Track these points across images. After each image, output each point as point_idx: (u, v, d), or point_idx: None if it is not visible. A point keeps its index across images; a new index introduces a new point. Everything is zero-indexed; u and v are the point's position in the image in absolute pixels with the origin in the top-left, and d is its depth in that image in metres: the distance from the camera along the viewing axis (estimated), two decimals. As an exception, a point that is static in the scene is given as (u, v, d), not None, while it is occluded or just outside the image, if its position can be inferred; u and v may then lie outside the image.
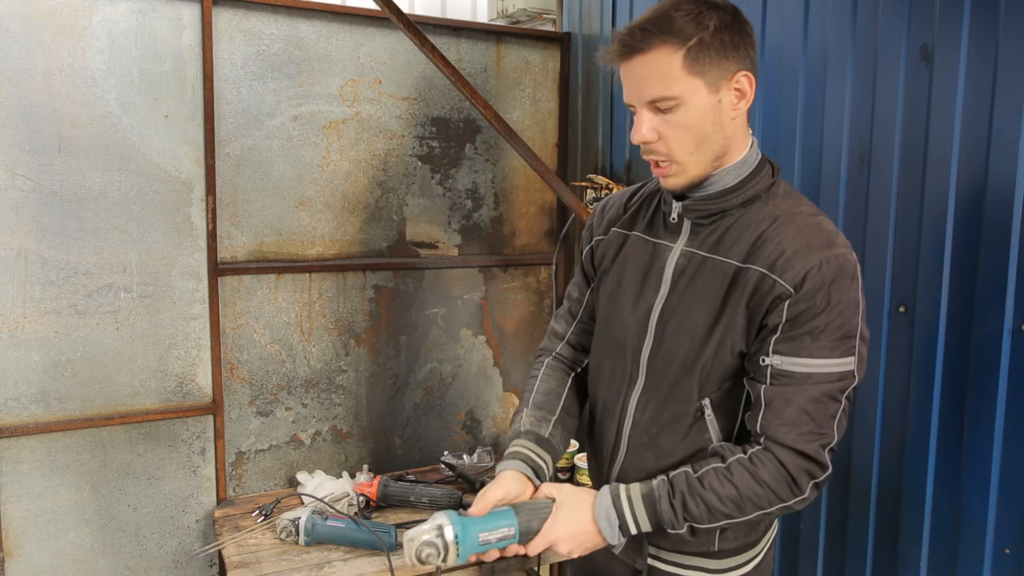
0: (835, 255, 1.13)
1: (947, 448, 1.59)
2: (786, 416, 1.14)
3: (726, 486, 1.14)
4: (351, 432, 2.46)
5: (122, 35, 2.01)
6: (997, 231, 1.47)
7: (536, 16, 2.86)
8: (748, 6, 1.99)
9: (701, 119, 1.15)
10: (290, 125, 2.26)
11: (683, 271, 1.23)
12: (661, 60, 1.11)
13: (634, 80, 1.15)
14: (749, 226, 1.19)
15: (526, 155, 2.32)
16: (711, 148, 1.17)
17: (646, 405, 1.27)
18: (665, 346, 1.24)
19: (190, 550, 2.24)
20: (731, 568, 1.31)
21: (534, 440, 1.32)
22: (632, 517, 1.18)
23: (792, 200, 1.22)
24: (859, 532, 1.78)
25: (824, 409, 1.14)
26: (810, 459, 1.14)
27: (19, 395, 2.00)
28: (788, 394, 1.14)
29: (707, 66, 1.12)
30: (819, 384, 1.13)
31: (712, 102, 1.14)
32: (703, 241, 1.23)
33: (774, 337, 1.15)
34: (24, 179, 1.95)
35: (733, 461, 1.16)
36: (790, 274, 1.13)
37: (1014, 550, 1.48)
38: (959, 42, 1.51)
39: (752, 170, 1.21)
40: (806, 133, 1.85)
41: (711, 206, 1.21)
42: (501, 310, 2.67)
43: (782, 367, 1.14)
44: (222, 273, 2.19)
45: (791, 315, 1.13)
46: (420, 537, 1.15)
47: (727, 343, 1.19)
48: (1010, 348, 1.46)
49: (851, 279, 1.14)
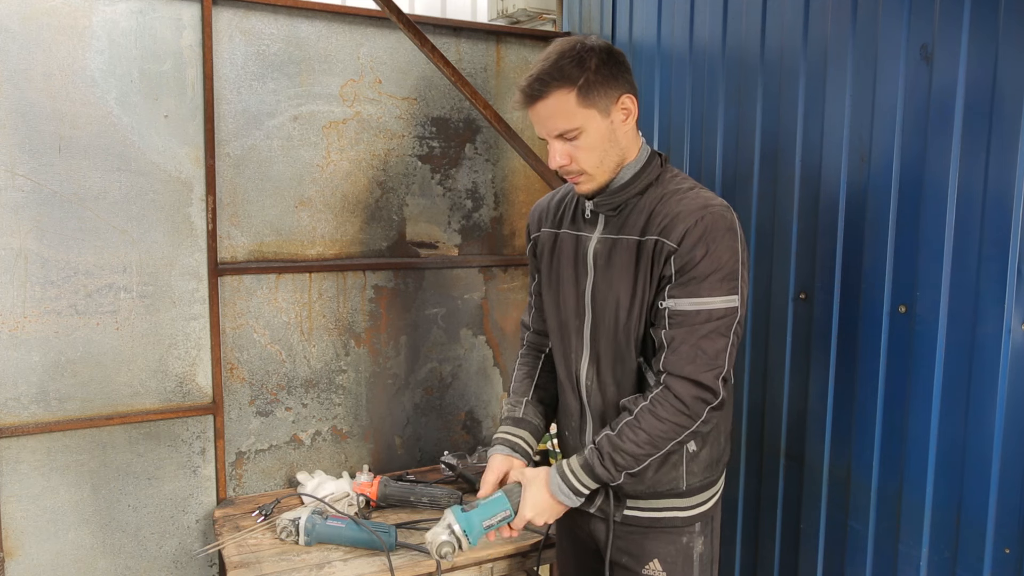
0: (709, 212, 1.38)
1: (947, 448, 1.59)
2: (683, 353, 1.39)
3: (638, 433, 1.40)
4: (351, 432, 2.46)
5: (122, 35, 2.01)
6: (997, 231, 1.47)
7: (536, 16, 2.86)
8: (748, 6, 1.99)
9: (600, 139, 1.42)
10: (290, 125, 2.26)
11: (600, 254, 1.50)
12: (559, 101, 1.38)
13: (541, 119, 1.41)
14: (644, 208, 1.46)
15: (526, 155, 2.32)
16: (612, 159, 1.45)
17: (597, 373, 1.53)
18: (600, 319, 1.50)
19: (190, 550, 2.24)
20: (698, 504, 1.56)
21: (512, 423, 1.65)
22: (579, 483, 1.46)
23: (676, 181, 1.49)
24: (859, 532, 1.78)
25: (714, 343, 1.38)
26: (704, 387, 1.39)
27: (19, 395, 2.00)
28: (683, 334, 1.38)
29: (596, 98, 1.39)
30: (709, 322, 1.38)
31: (605, 124, 1.41)
32: (612, 227, 1.50)
33: (668, 286, 1.40)
34: (24, 179, 1.95)
35: (638, 411, 1.42)
36: (674, 234, 1.39)
37: (1014, 550, 1.48)
38: (959, 42, 1.51)
39: (642, 166, 1.48)
40: (806, 133, 1.85)
41: (614, 199, 1.48)
42: (501, 310, 2.67)
43: (676, 308, 1.39)
44: (222, 273, 2.19)
45: (678, 267, 1.38)
46: (438, 539, 1.45)
47: (644, 304, 1.44)
48: (1010, 348, 1.46)
49: (726, 230, 1.38)
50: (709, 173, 2.15)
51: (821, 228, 1.82)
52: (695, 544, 1.57)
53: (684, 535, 1.56)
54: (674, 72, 2.27)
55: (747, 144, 2.03)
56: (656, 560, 1.55)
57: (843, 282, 1.78)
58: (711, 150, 2.15)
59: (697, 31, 2.19)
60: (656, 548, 1.56)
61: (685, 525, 1.56)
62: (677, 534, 1.56)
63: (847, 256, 1.77)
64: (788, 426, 1.95)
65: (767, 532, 2.03)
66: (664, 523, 1.55)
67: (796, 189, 1.88)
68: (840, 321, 1.79)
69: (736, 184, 2.05)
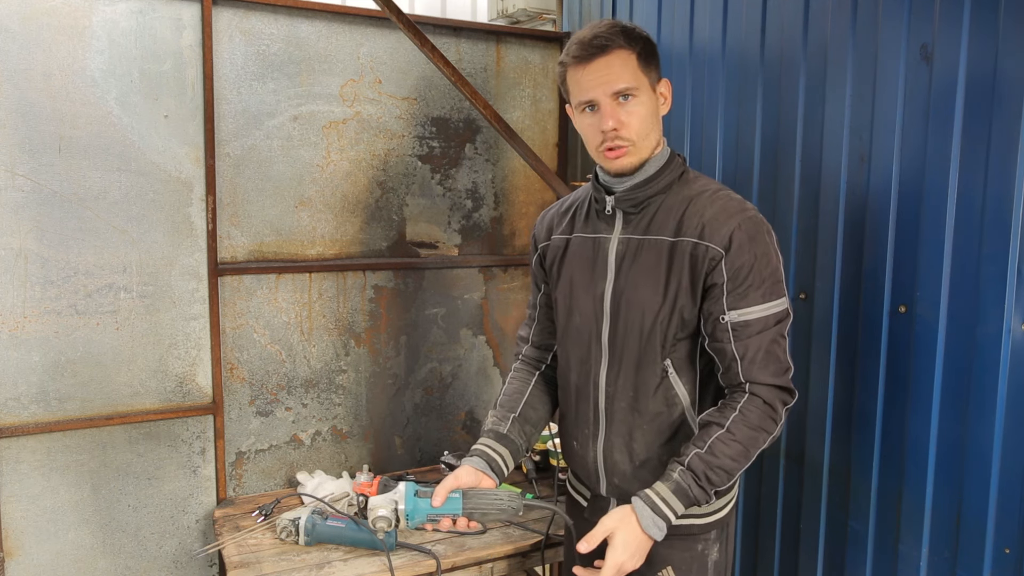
0: (748, 217, 1.38)
1: (947, 448, 1.59)
2: (760, 361, 1.38)
3: (733, 446, 1.36)
4: (351, 432, 2.46)
5: (122, 35, 2.01)
6: (997, 231, 1.46)
7: (536, 16, 2.86)
8: (748, 6, 1.99)
9: (648, 111, 1.41)
10: (290, 125, 2.26)
11: (624, 255, 1.46)
12: (621, 59, 1.37)
13: (599, 76, 1.37)
14: (672, 207, 1.43)
15: (526, 155, 2.32)
16: (653, 136, 1.44)
17: (616, 377, 1.48)
18: (621, 322, 1.45)
19: (190, 550, 2.24)
20: (714, 511, 1.53)
21: (493, 437, 1.56)
22: (672, 513, 1.38)
23: (701, 182, 1.47)
24: (859, 532, 1.78)
25: (778, 346, 1.40)
26: (785, 390, 1.40)
27: (19, 395, 2.00)
28: (754, 344, 1.38)
29: (649, 69, 1.40)
30: (768, 328, 1.38)
31: (653, 99, 1.42)
32: (635, 227, 1.46)
33: (724, 297, 1.37)
34: (24, 179, 1.95)
35: (730, 423, 1.37)
36: (718, 238, 1.36)
37: (1014, 550, 1.48)
38: (959, 42, 1.51)
39: (666, 161, 1.46)
40: (806, 133, 1.85)
41: (638, 194, 1.44)
42: (501, 310, 2.67)
43: (740, 319, 1.37)
44: (222, 273, 2.19)
45: (730, 274, 1.36)
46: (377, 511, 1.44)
47: (677, 307, 1.41)
48: (1010, 348, 1.46)
49: (767, 234, 1.39)
50: (709, 173, 2.15)
51: (821, 228, 1.82)
52: (710, 552, 1.54)
53: (699, 542, 1.53)
54: (674, 72, 2.27)
55: (747, 144, 2.02)
56: (670, 567, 1.49)
57: (843, 282, 1.78)
58: (711, 150, 2.15)
59: (697, 31, 2.19)
60: (670, 555, 1.51)
61: (701, 532, 1.53)
62: (692, 541, 1.52)
63: (847, 256, 1.77)
64: (788, 426, 1.95)
65: (767, 532, 2.03)
66: (680, 530, 1.50)
67: (796, 189, 1.88)
68: (840, 321, 1.79)
69: (736, 184, 2.05)
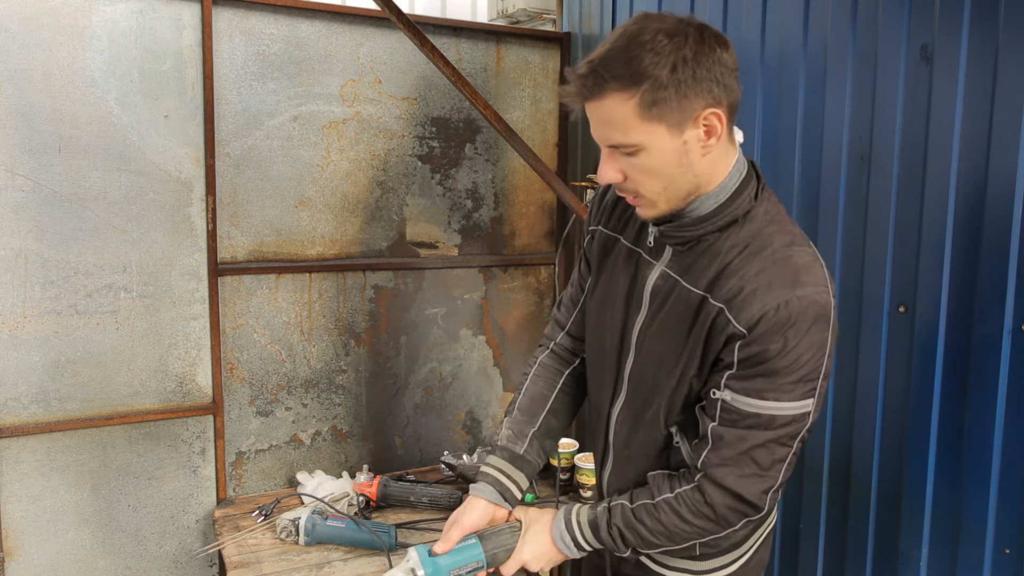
0: (797, 296, 1.07)
1: (947, 448, 1.59)
2: (728, 458, 1.12)
3: (654, 522, 1.19)
4: (351, 432, 2.46)
5: (122, 35, 2.01)
6: (997, 231, 1.46)
7: (536, 16, 2.85)
8: (748, 6, 1.99)
9: (665, 163, 1.08)
10: (290, 125, 2.26)
11: (659, 293, 1.21)
12: (615, 108, 1.05)
13: (594, 122, 1.10)
14: (720, 253, 1.14)
15: (526, 155, 2.32)
16: (680, 188, 1.12)
17: (624, 421, 1.30)
18: (643, 364, 1.24)
19: (190, 550, 2.24)
20: (715, 568, 1.32)
21: (507, 458, 1.37)
22: (583, 538, 1.26)
23: (771, 226, 1.15)
24: (859, 532, 1.78)
25: (771, 454, 1.12)
26: (746, 502, 1.14)
27: (19, 395, 2.00)
28: (735, 437, 1.12)
29: (665, 110, 1.04)
30: (770, 429, 1.11)
31: (676, 145, 1.07)
32: (679, 262, 1.19)
33: (728, 372, 1.12)
34: (24, 179, 1.95)
35: (660, 500, 1.19)
36: (745, 315, 1.08)
37: (1014, 550, 1.48)
38: (959, 42, 1.51)
39: (731, 195, 1.14)
40: (806, 133, 1.85)
41: (686, 233, 1.16)
42: (501, 310, 2.67)
43: (732, 403, 1.11)
44: (222, 273, 2.19)
45: (742, 356, 1.09)
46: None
47: (688, 373, 1.17)
48: (1010, 348, 1.46)
49: (813, 320, 1.08)
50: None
51: (822, 228, 1.82)
52: None
53: None
54: (674, 72, 2.27)
55: (747, 144, 2.03)
56: None
57: (844, 282, 1.78)
58: (711, 150, 2.15)
59: (697, 31, 2.19)
60: None
61: None
62: None
63: (848, 256, 1.77)
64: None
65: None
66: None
67: (796, 189, 1.88)
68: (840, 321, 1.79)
69: (736, 184, 2.05)
